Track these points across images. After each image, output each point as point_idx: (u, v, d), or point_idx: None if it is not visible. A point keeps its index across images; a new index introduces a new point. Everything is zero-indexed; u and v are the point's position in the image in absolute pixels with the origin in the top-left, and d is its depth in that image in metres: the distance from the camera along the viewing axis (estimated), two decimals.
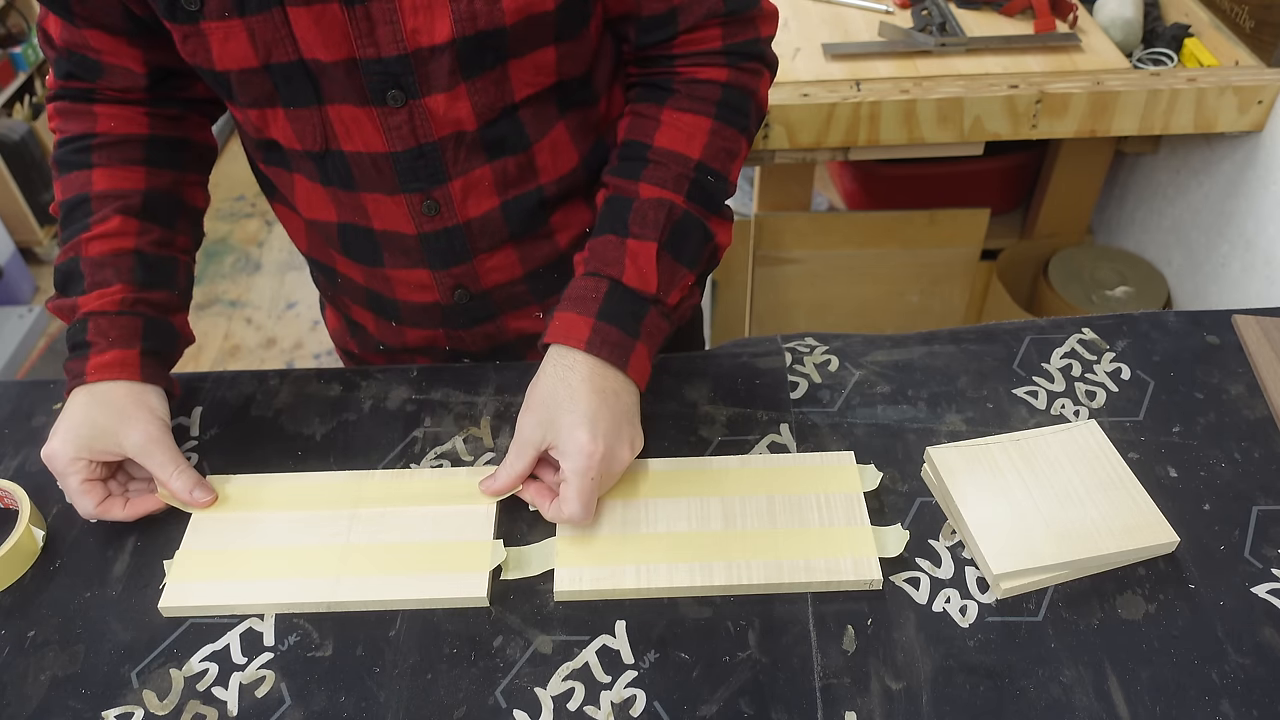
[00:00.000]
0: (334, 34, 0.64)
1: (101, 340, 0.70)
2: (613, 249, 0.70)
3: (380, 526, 0.70)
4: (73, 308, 0.71)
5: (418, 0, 0.63)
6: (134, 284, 0.72)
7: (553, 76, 0.72)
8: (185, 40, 0.66)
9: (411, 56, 0.66)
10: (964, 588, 0.66)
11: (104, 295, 0.71)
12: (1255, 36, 1.41)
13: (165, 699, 0.61)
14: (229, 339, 2.34)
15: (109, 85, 0.74)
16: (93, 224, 0.73)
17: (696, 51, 0.74)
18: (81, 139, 0.75)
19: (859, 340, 0.84)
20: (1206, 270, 1.58)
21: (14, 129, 2.36)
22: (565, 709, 0.60)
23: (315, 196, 0.78)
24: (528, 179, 0.77)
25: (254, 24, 0.64)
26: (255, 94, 0.69)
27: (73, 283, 0.72)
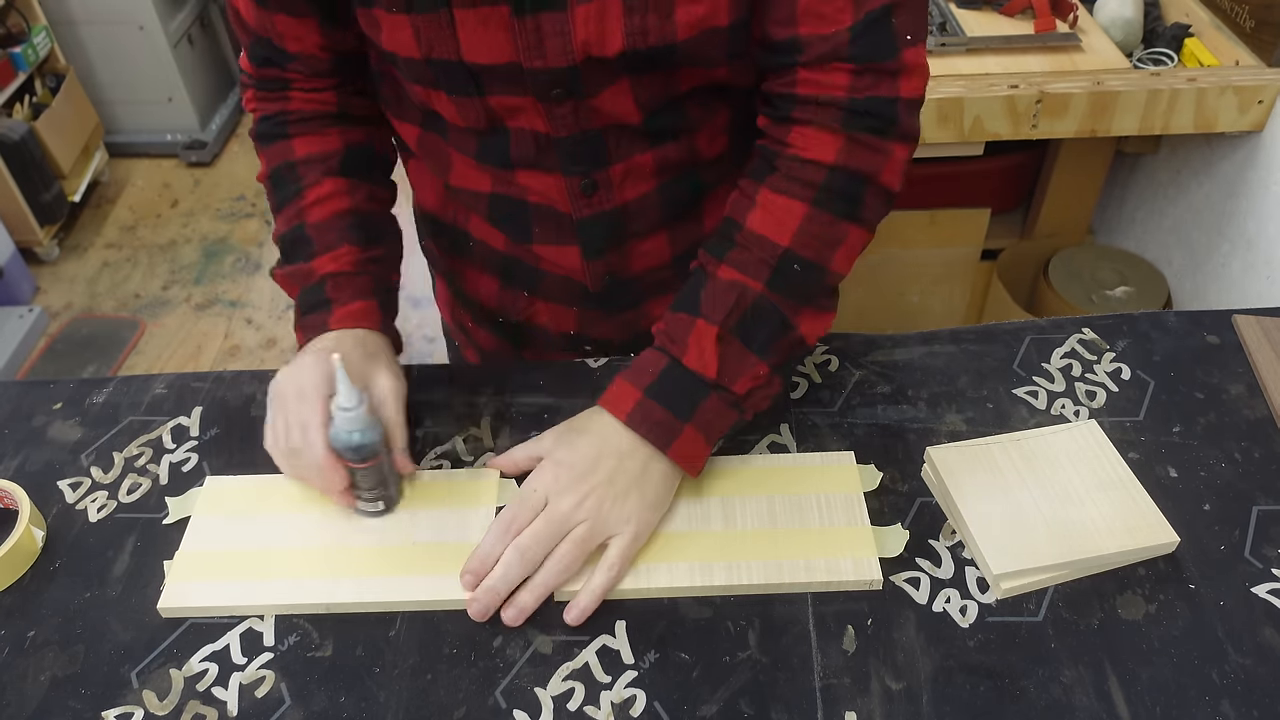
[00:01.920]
0: (499, 40, 0.64)
1: (342, 295, 0.72)
2: (682, 327, 0.67)
3: (380, 527, 0.70)
4: (308, 272, 0.74)
5: (590, 12, 0.62)
6: (358, 244, 0.74)
7: (716, 82, 0.71)
8: (362, 19, 0.68)
9: (581, 67, 0.65)
10: (964, 588, 0.66)
11: (337, 257, 0.73)
12: (1255, 36, 1.41)
13: (165, 699, 0.61)
14: (229, 339, 2.34)
15: (299, 70, 0.75)
16: (305, 189, 0.75)
17: (817, 98, 0.66)
18: (277, 115, 0.77)
19: (859, 340, 0.84)
20: (1206, 270, 1.58)
21: (14, 129, 2.36)
22: (565, 709, 0.60)
23: (469, 168, 0.78)
24: (686, 163, 0.77)
25: (419, 21, 0.64)
26: (419, 76, 0.70)
27: (300, 249, 0.74)
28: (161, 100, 2.84)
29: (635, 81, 0.68)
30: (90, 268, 2.57)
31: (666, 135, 0.74)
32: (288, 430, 0.67)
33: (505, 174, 0.77)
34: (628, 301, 0.86)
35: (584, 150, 0.72)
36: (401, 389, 0.71)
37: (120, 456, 0.77)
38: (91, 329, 2.39)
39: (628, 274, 0.83)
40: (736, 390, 0.67)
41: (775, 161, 0.68)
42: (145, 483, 0.75)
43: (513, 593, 0.64)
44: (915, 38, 0.66)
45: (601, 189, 0.75)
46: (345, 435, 0.65)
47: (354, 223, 0.75)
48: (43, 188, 2.46)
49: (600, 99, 0.68)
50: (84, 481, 0.75)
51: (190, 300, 2.46)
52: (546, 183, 0.75)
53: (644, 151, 0.74)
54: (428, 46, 0.66)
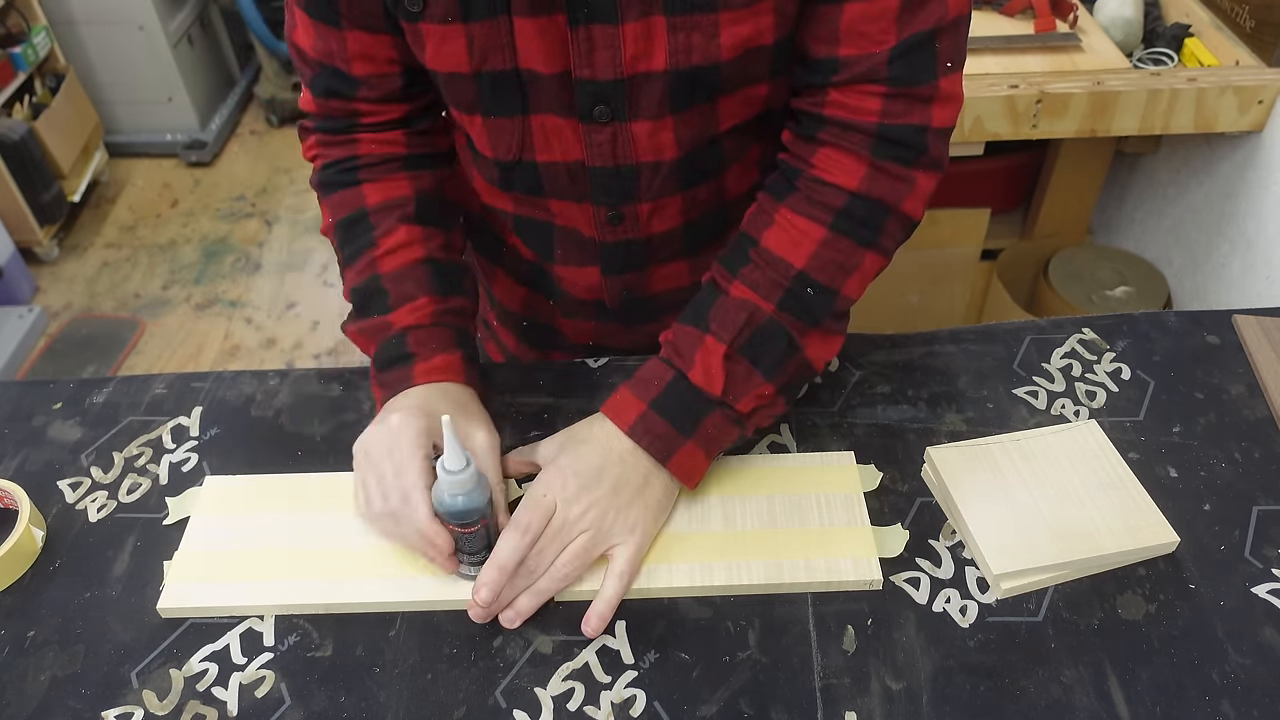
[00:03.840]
0: (555, 48, 0.64)
1: (424, 349, 0.70)
2: (690, 341, 0.67)
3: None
4: (385, 325, 0.71)
5: (639, 28, 0.62)
6: (436, 294, 0.72)
7: (760, 108, 0.70)
8: (408, 34, 0.67)
9: (627, 81, 0.65)
10: (964, 588, 0.66)
11: (415, 309, 0.71)
12: (1255, 36, 1.41)
13: (165, 699, 0.61)
14: (229, 339, 2.34)
15: (368, 97, 0.73)
16: (379, 239, 0.73)
17: (845, 122, 0.65)
18: (345, 161, 0.75)
19: (859, 340, 0.84)
20: (1206, 270, 1.58)
21: (14, 129, 2.36)
22: (565, 709, 0.60)
23: (494, 194, 0.78)
24: (715, 201, 0.76)
25: (475, 30, 0.64)
26: (458, 98, 0.70)
27: (375, 300, 0.72)
28: (161, 100, 2.84)
29: (678, 119, 0.67)
30: (90, 268, 2.57)
31: (700, 177, 0.73)
32: (385, 495, 0.64)
33: (533, 201, 0.76)
34: (646, 316, 0.86)
35: (616, 184, 0.72)
36: (497, 443, 0.69)
37: (120, 456, 0.77)
38: (91, 329, 2.39)
39: (646, 293, 0.83)
40: (740, 409, 0.67)
41: (797, 181, 0.68)
42: (145, 483, 0.75)
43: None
44: (955, 65, 0.65)
45: (629, 220, 0.75)
46: (450, 499, 0.61)
47: (431, 272, 0.73)
48: (42, 188, 2.46)
49: (640, 125, 0.68)
50: (84, 481, 0.75)
51: (190, 300, 2.46)
52: (573, 210, 0.75)
53: (674, 193, 0.74)
54: (480, 58, 0.65)
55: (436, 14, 0.64)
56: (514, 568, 0.63)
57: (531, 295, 0.90)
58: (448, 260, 0.75)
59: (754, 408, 0.67)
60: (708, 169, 0.73)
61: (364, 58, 0.71)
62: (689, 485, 0.68)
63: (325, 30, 0.69)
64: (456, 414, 0.67)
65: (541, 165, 0.72)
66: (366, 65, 0.71)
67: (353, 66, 0.71)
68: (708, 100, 0.67)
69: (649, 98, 0.66)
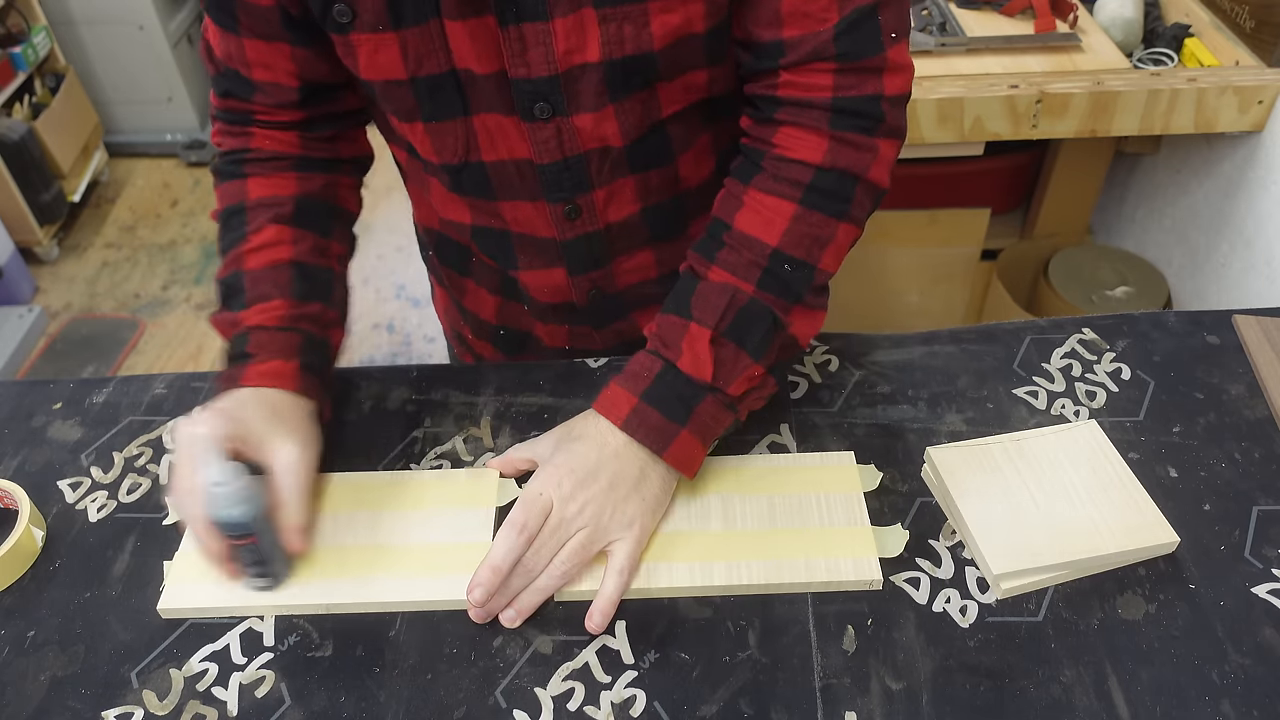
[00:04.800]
0: (488, 48, 0.64)
1: (261, 352, 0.69)
2: (675, 330, 0.67)
3: (379, 528, 0.70)
4: (234, 322, 0.71)
5: (570, 23, 0.63)
6: (293, 297, 0.71)
7: (702, 94, 0.70)
8: (338, 46, 0.67)
9: (562, 77, 0.65)
10: (964, 588, 0.66)
11: (265, 310, 0.70)
12: (1255, 36, 1.41)
13: (165, 699, 0.61)
14: None
15: (264, 103, 0.74)
16: (249, 234, 0.73)
17: (800, 100, 0.67)
18: (237, 153, 0.76)
19: (859, 340, 0.84)
20: (1206, 270, 1.58)
21: (14, 129, 2.36)
22: (565, 709, 0.60)
23: (449, 201, 0.78)
24: (670, 188, 0.76)
25: (408, 36, 0.64)
26: (397, 105, 0.70)
27: (234, 297, 0.72)
28: (161, 100, 2.84)
29: (619, 108, 0.68)
30: (90, 268, 2.57)
31: (649, 162, 0.73)
32: (177, 484, 0.65)
33: (486, 204, 0.76)
34: (617, 314, 0.87)
35: (566, 178, 0.72)
36: (309, 458, 0.67)
37: (120, 456, 0.77)
38: (91, 329, 2.39)
39: (613, 289, 0.83)
40: (731, 392, 0.67)
41: (761, 161, 0.69)
42: (145, 483, 0.75)
43: None
44: (899, 35, 0.66)
45: (585, 213, 0.75)
46: (215, 511, 0.61)
47: (294, 275, 0.72)
48: (42, 188, 2.46)
49: (582, 119, 0.68)
50: (84, 481, 0.75)
51: (190, 300, 2.46)
52: (528, 211, 0.75)
53: (626, 176, 0.74)
54: (416, 63, 0.66)
55: (366, 23, 0.64)
56: (509, 568, 0.63)
57: (504, 303, 0.90)
58: (314, 265, 0.74)
59: (745, 390, 0.68)
60: (657, 155, 0.73)
61: (262, 65, 0.71)
62: (688, 474, 0.68)
63: (226, 35, 0.70)
64: (269, 422, 0.66)
65: (489, 165, 0.72)
66: (265, 73, 0.72)
67: (252, 72, 0.72)
68: (645, 87, 0.68)
69: (587, 90, 0.66)
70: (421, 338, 2.31)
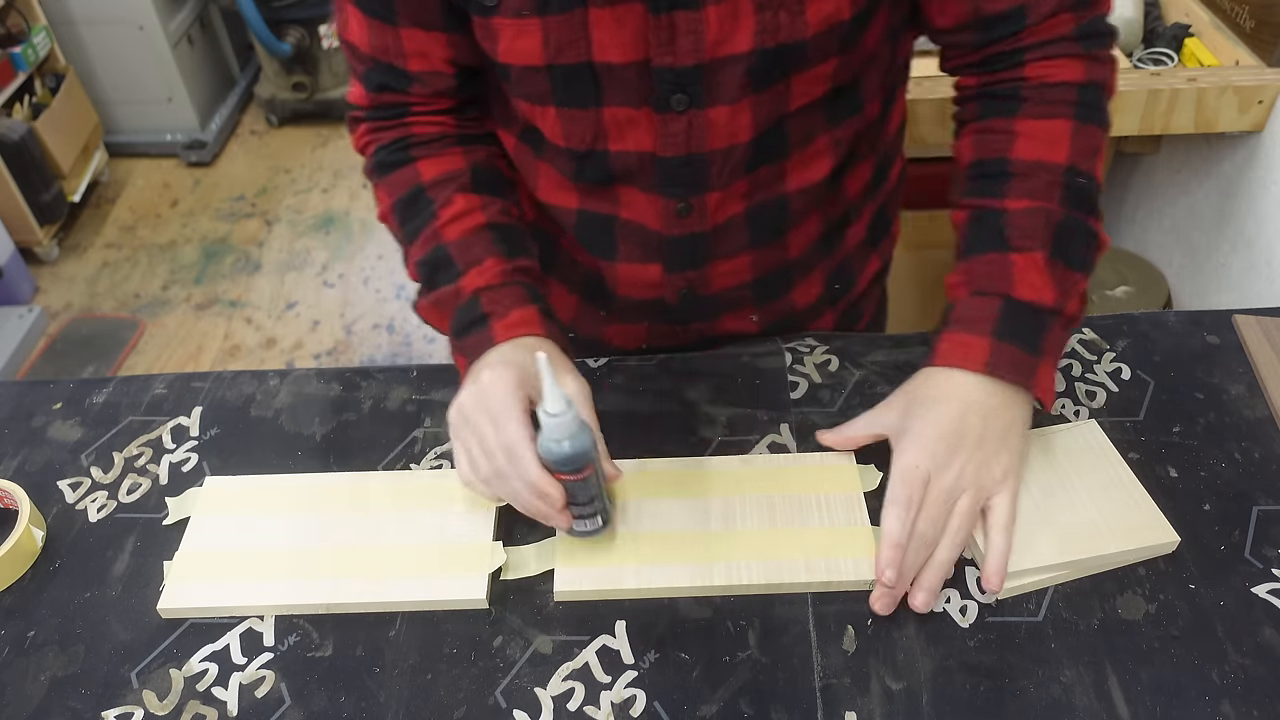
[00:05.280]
0: (632, 37, 0.64)
1: (499, 308, 0.69)
2: (996, 266, 0.67)
3: (379, 528, 0.70)
4: (456, 293, 0.71)
5: (724, 10, 0.63)
6: (503, 255, 0.72)
7: (827, 85, 0.70)
8: (477, 29, 0.68)
9: (705, 67, 0.65)
10: (964, 588, 0.66)
11: (482, 272, 0.71)
12: (1255, 36, 1.41)
13: (165, 699, 0.61)
14: (229, 339, 2.34)
15: (420, 93, 0.74)
16: (439, 209, 0.73)
17: (1047, 40, 0.70)
18: (399, 141, 0.76)
19: (859, 340, 0.84)
20: (1207, 270, 1.58)
21: (14, 129, 2.36)
22: (565, 709, 0.60)
23: (559, 187, 0.78)
24: (775, 186, 0.76)
25: (551, 23, 0.64)
26: (529, 90, 0.70)
27: (443, 270, 0.72)
28: (161, 100, 2.84)
29: (755, 100, 0.68)
30: (90, 268, 2.57)
31: (765, 158, 0.73)
32: (488, 455, 0.63)
33: (601, 190, 0.76)
34: (701, 315, 0.86)
35: (685, 174, 0.72)
36: (589, 391, 0.68)
37: (120, 456, 0.77)
38: (91, 329, 2.40)
39: (705, 290, 0.83)
40: (1068, 312, 0.68)
41: (1021, 92, 0.71)
42: (145, 483, 0.75)
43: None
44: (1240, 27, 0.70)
45: (696, 213, 0.75)
46: (556, 445, 0.59)
47: (494, 236, 0.73)
48: (42, 188, 2.46)
49: (718, 111, 0.68)
50: (84, 481, 0.75)
51: (190, 300, 2.46)
52: (642, 202, 0.75)
53: (742, 177, 0.74)
54: (555, 51, 0.65)
55: (511, 8, 0.64)
56: (907, 542, 0.62)
57: (582, 304, 0.89)
58: (508, 224, 0.75)
59: (1078, 308, 0.69)
60: (773, 153, 0.73)
61: (419, 55, 0.71)
62: (1049, 404, 0.68)
63: (381, 27, 0.70)
64: None
65: (614, 154, 0.72)
66: (421, 62, 0.71)
67: (408, 63, 0.71)
68: (783, 79, 0.68)
69: (729, 81, 0.66)
70: (421, 338, 2.31)
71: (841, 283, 0.89)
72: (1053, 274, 0.67)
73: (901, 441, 0.66)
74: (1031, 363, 0.66)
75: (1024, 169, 0.69)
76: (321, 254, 2.57)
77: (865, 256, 0.90)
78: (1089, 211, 0.69)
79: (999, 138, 0.71)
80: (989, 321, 0.66)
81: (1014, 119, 0.70)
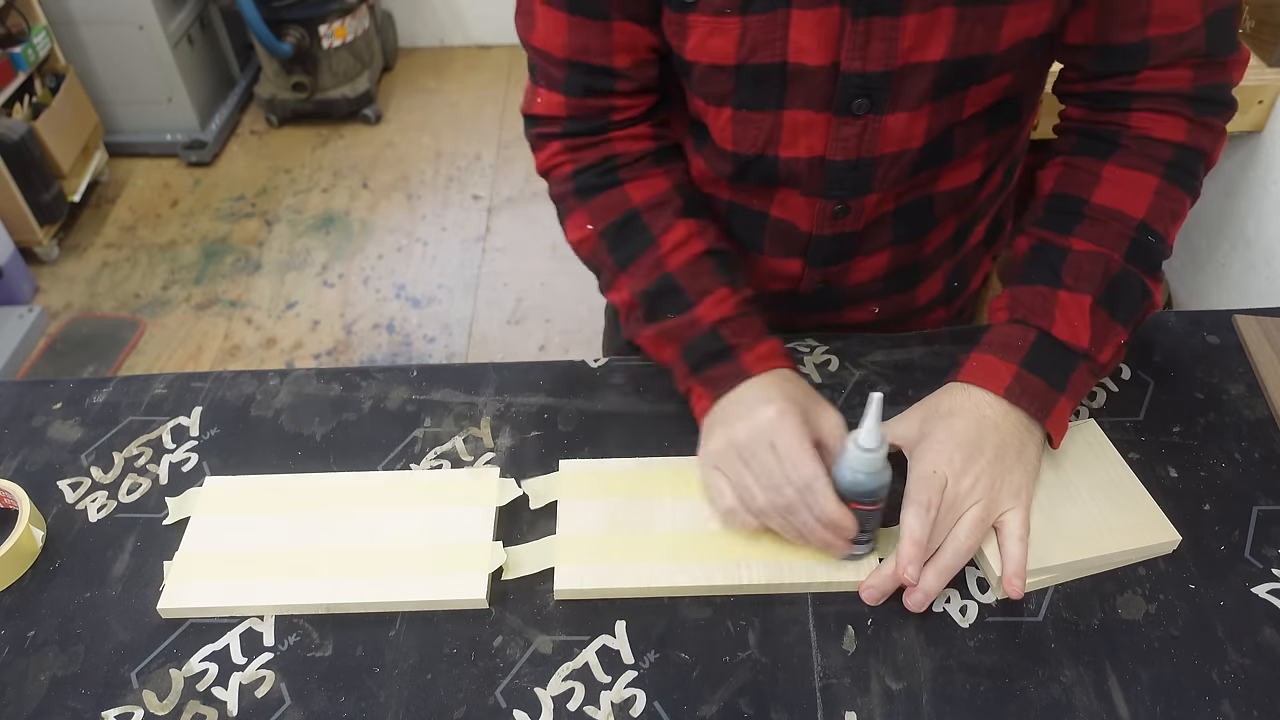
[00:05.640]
0: (827, 41, 0.64)
1: (744, 339, 0.69)
2: (1041, 299, 0.68)
3: (380, 528, 0.70)
4: (690, 323, 0.70)
5: (924, 19, 0.63)
6: (730, 285, 0.71)
7: (997, 96, 0.71)
8: (668, 24, 0.68)
9: (895, 73, 0.65)
10: (964, 588, 0.66)
11: (718, 302, 0.70)
12: (1255, 36, 1.41)
13: (165, 699, 0.61)
14: (229, 339, 2.34)
15: (625, 89, 0.73)
16: (659, 236, 0.72)
17: (1160, 92, 0.70)
18: (603, 163, 0.75)
19: (859, 340, 0.84)
20: (1207, 270, 1.58)
21: (14, 129, 2.36)
22: (565, 709, 0.60)
23: (713, 179, 0.78)
24: (927, 188, 0.77)
25: (750, 22, 0.64)
26: (710, 89, 0.69)
27: (668, 300, 0.71)
28: (161, 100, 2.84)
29: (934, 108, 0.68)
30: (90, 268, 2.57)
31: (927, 164, 0.73)
32: (774, 488, 0.64)
33: (757, 189, 0.76)
34: (831, 305, 0.86)
35: (851, 178, 0.72)
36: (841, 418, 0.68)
37: (120, 456, 0.77)
38: (91, 329, 2.39)
39: (841, 284, 0.83)
40: (1100, 360, 0.68)
41: (1122, 139, 0.71)
42: (145, 483, 0.75)
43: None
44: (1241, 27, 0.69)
45: (852, 214, 0.75)
46: (865, 478, 0.61)
47: (717, 264, 0.72)
48: (42, 187, 2.46)
49: (897, 118, 0.68)
50: (84, 481, 0.75)
51: (190, 300, 2.46)
52: (798, 203, 0.75)
53: (904, 182, 0.74)
54: (749, 50, 0.65)
55: (712, 5, 0.64)
56: (926, 540, 0.62)
57: None
58: (726, 250, 0.75)
59: (1110, 357, 0.69)
60: (936, 158, 0.74)
61: (628, 49, 0.70)
62: (1057, 442, 0.68)
63: (586, 25, 0.69)
64: (810, 398, 0.67)
65: (782, 160, 0.72)
66: (628, 56, 0.71)
67: (614, 59, 0.71)
68: (964, 89, 0.68)
69: (914, 89, 0.66)
70: (421, 338, 2.31)
71: (959, 280, 0.90)
72: (1094, 320, 0.67)
73: (919, 449, 0.66)
74: (1051, 397, 0.66)
75: (1098, 214, 0.70)
76: (321, 254, 2.57)
77: (980, 256, 0.91)
78: (1149, 271, 0.70)
79: (1084, 177, 0.71)
80: (1020, 351, 0.67)
81: (1105, 163, 0.71)
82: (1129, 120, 0.71)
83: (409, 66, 3.34)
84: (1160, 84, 0.69)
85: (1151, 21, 0.66)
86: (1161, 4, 0.66)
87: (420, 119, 3.07)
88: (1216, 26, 0.67)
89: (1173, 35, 0.67)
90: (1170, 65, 0.68)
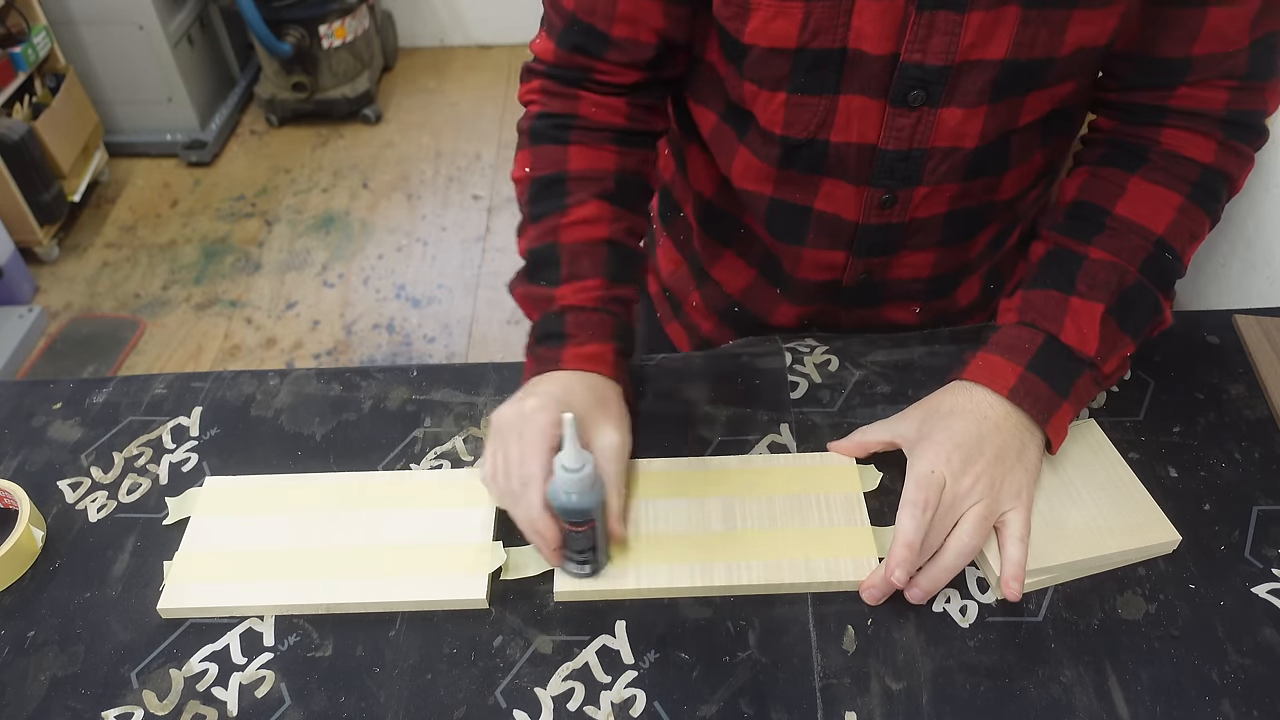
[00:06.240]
0: (889, 30, 0.64)
1: (580, 333, 0.69)
2: (1053, 304, 0.68)
3: (380, 528, 0.70)
4: (548, 298, 0.71)
5: (988, 17, 0.62)
6: (608, 278, 0.71)
7: (1055, 104, 0.70)
8: (723, 7, 0.67)
9: (954, 68, 0.65)
10: (964, 588, 0.66)
11: (582, 289, 0.70)
12: None
13: (165, 699, 0.61)
14: (229, 339, 2.34)
15: (614, 60, 0.73)
16: (570, 206, 0.73)
17: (1193, 111, 0.69)
18: (561, 117, 0.75)
19: (859, 340, 0.84)
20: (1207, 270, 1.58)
21: (14, 129, 2.36)
22: (565, 709, 0.60)
23: (755, 172, 0.77)
24: (984, 198, 0.77)
25: (814, 8, 0.64)
26: (766, 73, 0.69)
27: (546, 269, 0.72)
28: (161, 100, 2.84)
29: (991, 109, 0.68)
30: (90, 268, 2.57)
31: (983, 170, 0.73)
32: (507, 475, 0.65)
33: (802, 179, 0.75)
34: (870, 301, 0.86)
35: (901, 168, 0.72)
36: (627, 445, 0.68)
37: (120, 456, 0.77)
38: (91, 329, 2.39)
39: (884, 277, 0.83)
40: (1105, 369, 0.68)
41: (1150, 154, 0.71)
42: (145, 483, 0.75)
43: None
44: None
45: (899, 205, 0.75)
46: (564, 496, 0.61)
47: (609, 254, 0.72)
48: (42, 187, 2.46)
49: (951, 113, 0.68)
50: (84, 481, 0.75)
51: (190, 300, 2.46)
52: (845, 192, 0.75)
53: (954, 182, 0.73)
54: (811, 35, 0.65)
55: None
56: (920, 544, 0.62)
57: (758, 280, 0.89)
58: (628, 246, 0.74)
59: (1114, 368, 0.69)
60: (992, 164, 0.73)
61: (629, 21, 0.70)
62: (1056, 447, 0.68)
63: None
64: (594, 409, 0.67)
65: (833, 145, 0.72)
66: (627, 28, 0.71)
67: (614, 27, 0.71)
68: (1023, 93, 0.68)
69: (971, 86, 0.66)
70: (421, 338, 2.31)
71: (995, 284, 0.90)
72: (1104, 329, 0.67)
73: (917, 448, 0.66)
74: (1054, 401, 0.66)
75: (1119, 225, 0.70)
76: (321, 254, 2.57)
77: (1014, 261, 0.91)
78: (1162, 287, 0.70)
79: (1108, 187, 0.71)
80: (1027, 353, 0.67)
81: (1131, 175, 0.71)
82: (1159, 136, 0.71)
83: (409, 66, 3.34)
84: (1195, 102, 0.69)
85: (1200, 39, 0.66)
86: (1214, 22, 0.65)
87: (420, 119, 3.07)
88: (1261, 50, 0.66)
89: (1218, 54, 0.66)
90: (1207, 83, 0.68)
